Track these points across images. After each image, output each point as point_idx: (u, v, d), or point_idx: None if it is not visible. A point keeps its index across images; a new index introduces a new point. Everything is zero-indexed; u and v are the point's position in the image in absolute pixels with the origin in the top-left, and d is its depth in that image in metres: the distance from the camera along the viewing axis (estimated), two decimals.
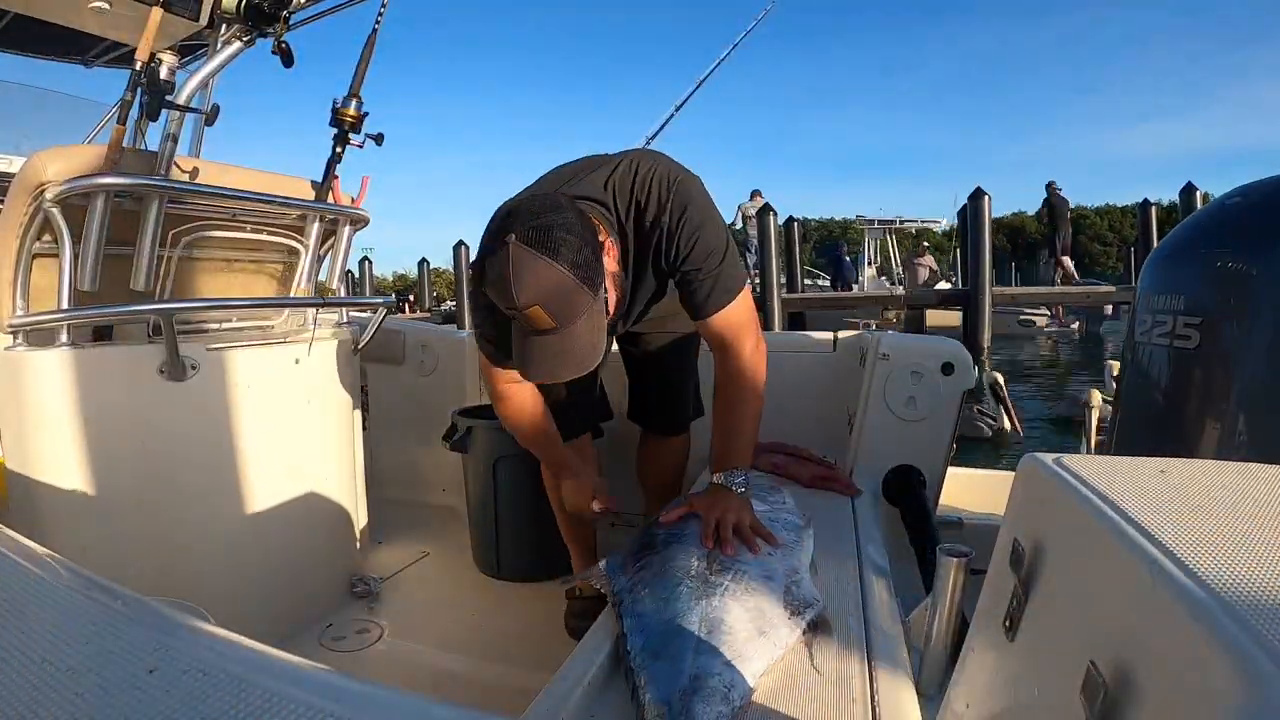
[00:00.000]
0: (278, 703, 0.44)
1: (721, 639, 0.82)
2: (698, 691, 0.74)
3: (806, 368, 1.95)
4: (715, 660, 0.79)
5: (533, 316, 1.03)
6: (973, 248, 11.11)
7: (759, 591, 0.92)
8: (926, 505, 1.59)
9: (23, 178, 1.28)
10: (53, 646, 0.52)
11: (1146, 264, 1.36)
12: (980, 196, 11.04)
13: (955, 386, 1.64)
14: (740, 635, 0.84)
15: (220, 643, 0.53)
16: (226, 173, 1.57)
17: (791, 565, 1.01)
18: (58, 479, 1.28)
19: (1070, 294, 13.05)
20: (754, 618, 0.87)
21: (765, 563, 0.99)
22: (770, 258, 11.83)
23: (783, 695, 0.78)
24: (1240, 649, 0.34)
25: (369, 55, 1.67)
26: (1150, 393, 1.29)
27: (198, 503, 1.42)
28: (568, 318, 1.05)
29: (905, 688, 0.81)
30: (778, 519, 1.15)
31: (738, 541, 1.05)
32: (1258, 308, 1.09)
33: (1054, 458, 0.60)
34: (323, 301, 1.73)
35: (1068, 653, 0.49)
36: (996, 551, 0.64)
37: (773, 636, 0.85)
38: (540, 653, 1.04)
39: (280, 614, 1.58)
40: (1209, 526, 0.46)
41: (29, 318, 1.31)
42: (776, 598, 0.92)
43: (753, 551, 1.03)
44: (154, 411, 1.34)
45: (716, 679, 0.76)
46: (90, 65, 2.78)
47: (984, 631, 0.65)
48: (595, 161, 1.27)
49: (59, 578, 0.65)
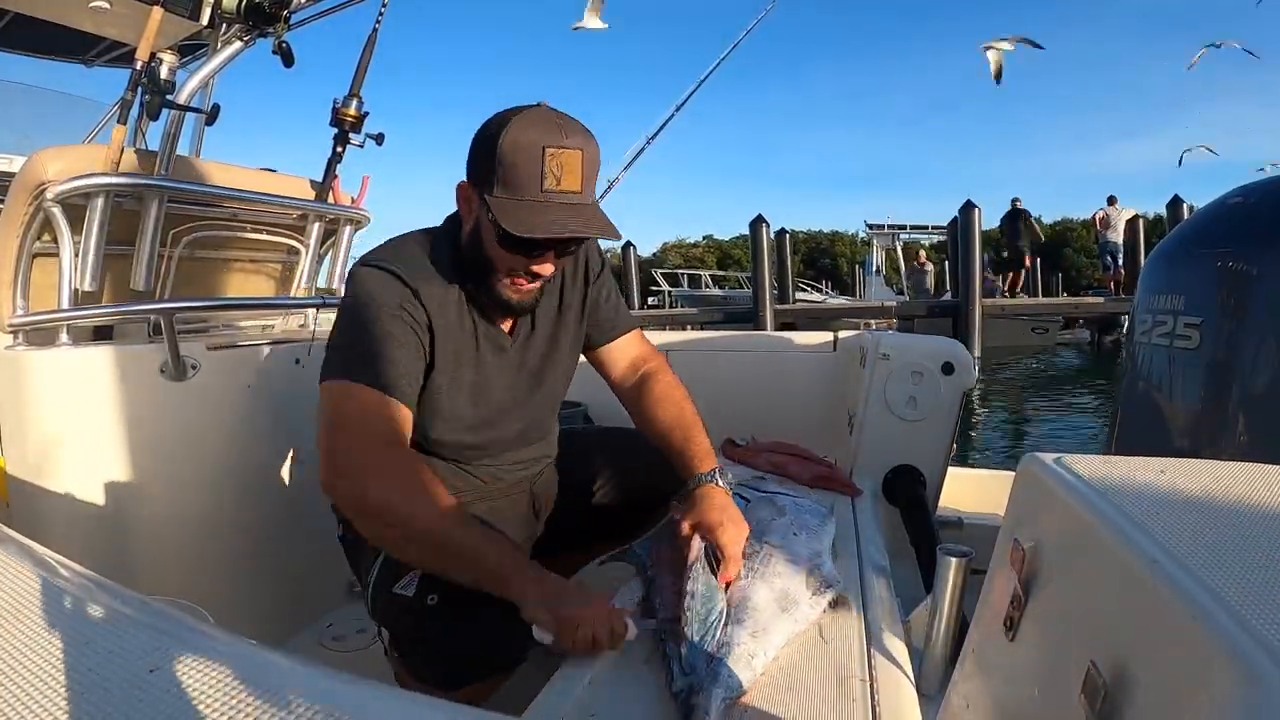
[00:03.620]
0: (277, 703, 0.44)
1: (747, 613, 0.89)
2: (725, 657, 0.81)
3: (806, 368, 1.95)
4: (741, 631, 0.86)
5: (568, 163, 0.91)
6: (963, 260, 11.18)
7: (784, 573, 0.98)
8: (926, 505, 1.59)
9: (23, 177, 1.28)
10: (53, 646, 0.52)
11: (1146, 264, 1.36)
12: (970, 209, 11.11)
13: (955, 386, 1.63)
14: (765, 612, 0.90)
15: (220, 643, 0.53)
16: (227, 172, 1.57)
17: (815, 549, 1.06)
18: (58, 479, 1.28)
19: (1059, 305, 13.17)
20: (779, 597, 0.93)
21: (792, 545, 1.05)
22: (763, 269, 11.94)
23: (783, 695, 0.78)
24: (1240, 649, 0.34)
25: (369, 55, 1.67)
26: (1150, 393, 1.29)
27: (198, 503, 1.42)
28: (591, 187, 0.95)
29: (905, 688, 0.81)
30: (803, 506, 1.19)
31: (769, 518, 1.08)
32: (1258, 308, 1.10)
33: (1054, 458, 0.60)
34: (323, 301, 1.73)
35: (1068, 653, 0.49)
36: (996, 551, 0.64)
37: (794, 613, 0.91)
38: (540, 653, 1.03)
39: (280, 614, 1.58)
40: (1209, 526, 0.46)
41: (29, 317, 1.31)
42: (800, 578, 0.98)
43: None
44: (154, 411, 1.34)
45: (741, 648, 0.83)
46: (90, 65, 2.78)
47: (984, 631, 0.65)
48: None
49: (59, 578, 0.65)
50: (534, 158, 0.90)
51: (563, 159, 0.91)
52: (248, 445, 1.50)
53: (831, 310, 14.75)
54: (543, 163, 0.90)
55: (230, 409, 1.46)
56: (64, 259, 1.28)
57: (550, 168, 0.91)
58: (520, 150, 0.91)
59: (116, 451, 1.31)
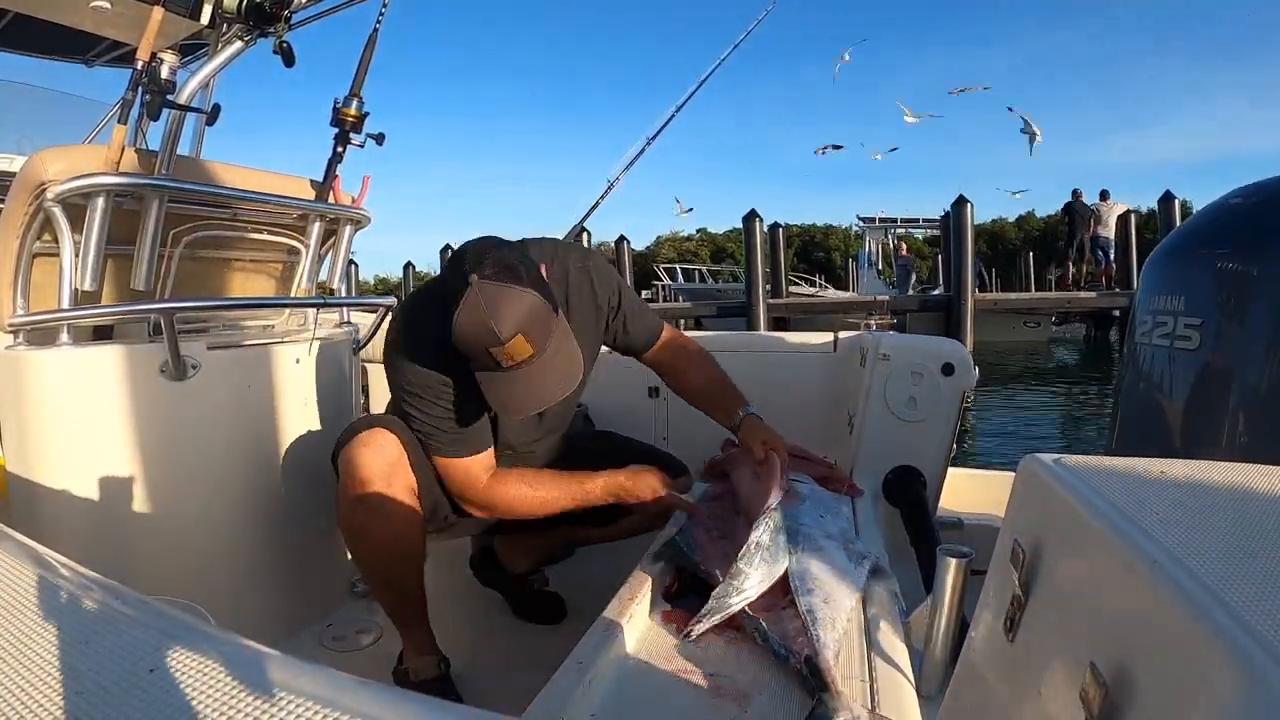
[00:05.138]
0: (277, 703, 0.44)
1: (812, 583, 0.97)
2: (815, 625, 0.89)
3: (806, 368, 1.95)
4: (815, 599, 0.94)
5: (515, 349, 1.07)
6: (955, 254, 11.20)
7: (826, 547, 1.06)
8: (926, 505, 1.59)
9: (24, 177, 1.28)
10: (52, 646, 0.52)
11: (1147, 264, 1.36)
12: (963, 204, 11.13)
13: (955, 386, 1.64)
14: (827, 582, 0.98)
15: (220, 643, 0.53)
16: (227, 172, 1.57)
17: (841, 525, 1.17)
18: (58, 478, 1.28)
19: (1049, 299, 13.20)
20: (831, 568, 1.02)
21: (822, 524, 1.14)
22: (756, 264, 11.97)
23: (783, 695, 0.78)
24: (1240, 648, 0.34)
25: (369, 55, 1.67)
26: (1150, 393, 1.29)
27: (198, 502, 1.42)
28: (544, 340, 1.10)
29: (905, 688, 0.81)
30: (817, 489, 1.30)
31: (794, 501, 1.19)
32: (1258, 308, 1.09)
33: (1054, 458, 0.60)
34: (323, 301, 1.73)
35: (1068, 653, 0.49)
36: (996, 551, 0.64)
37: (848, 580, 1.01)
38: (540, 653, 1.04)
39: (280, 614, 1.58)
40: (1209, 526, 0.46)
41: (29, 317, 1.31)
42: (841, 550, 1.07)
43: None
44: (154, 411, 1.34)
45: (823, 612, 0.91)
46: (91, 65, 2.79)
47: (984, 631, 0.65)
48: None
49: (59, 577, 0.65)
50: (483, 355, 1.09)
51: (507, 349, 1.07)
52: (248, 445, 1.50)
53: (824, 304, 14.76)
54: (494, 356, 1.08)
55: (230, 409, 1.46)
56: (64, 259, 1.28)
57: (500, 357, 1.08)
58: (471, 348, 1.09)
59: (116, 451, 1.31)
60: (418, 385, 1.22)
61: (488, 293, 1.05)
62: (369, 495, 1.23)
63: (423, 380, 1.22)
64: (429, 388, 1.21)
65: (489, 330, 1.05)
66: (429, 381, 1.21)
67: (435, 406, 1.22)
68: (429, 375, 1.21)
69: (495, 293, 1.05)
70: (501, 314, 1.05)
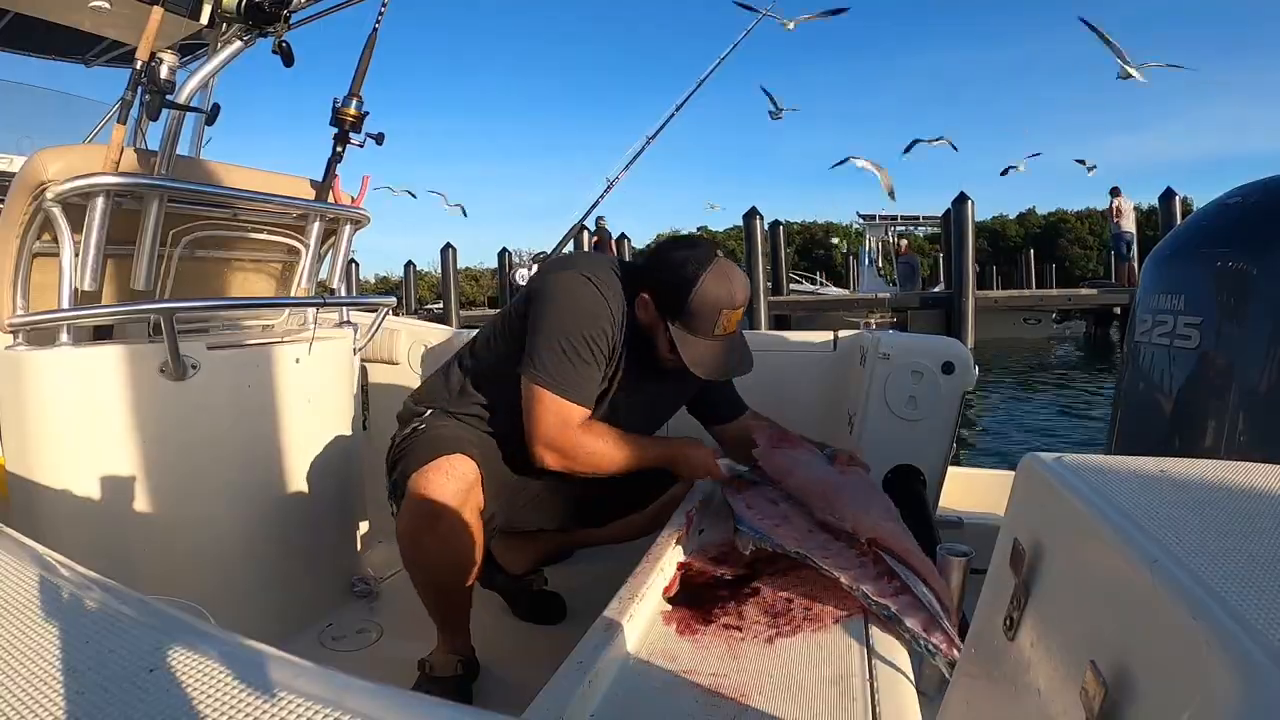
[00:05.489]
0: (277, 702, 0.44)
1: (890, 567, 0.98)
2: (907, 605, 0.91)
3: (806, 367, 1.95)
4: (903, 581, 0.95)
5: (735, 318, 1.30)
6: (956, 251, 11.20)
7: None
8: (926, 504, 1.59)
9: (23, 177, 1.28)
10: (52, 646, 0.52)
11: (1147, 263, 1.36)
12: (964, 201, 11.12)
13: (955, 386, 1.63)
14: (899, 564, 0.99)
15: (220, 643, 0.53)
16: (227, 172, 1.57)
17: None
18: (58, 478, 1.27)
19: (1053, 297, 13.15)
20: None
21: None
22: (756, 261, 12.00)
23: (783, 695, 0.78)
24: (1240, 648, 0.34)
25: (369, 55, 1.67)
26: (1150, 393, 1.29)
27: (198, 502, 1.42)
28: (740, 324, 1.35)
29: (905, 688, 0.81)
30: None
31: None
32: (1258, 308, 1.09)
33: (1054, 457, 0.60)
34: (323, 301, 1.73)
35: (1068, 653, 0.49)
36: (996, 551, 0.64)
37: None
38: (540, 653, 1.04)
39: (280, 614, 1.58)
40: (1209, 526, 0.46)
41: (29, 317, 1.31)
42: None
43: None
44: (154, 411, 1.34)
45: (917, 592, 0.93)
46: (90, 65, 2.79)
47: (984, 631, 0.65)
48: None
49: (59, 577, 0.65)
50: (713, 315, 1.28)
51: (732, 316, 1.29)
52: (248, 445, 1.50)
53: (825, 301, 14.75)
54: (718, 319, 1.28)
55: (230, 409, 1.46)
56: (64, 259, 1.28)
57: (722, 323, 1.29)
58: (706, 306, 1.27)
59: (116, 451, 1.31)
60: (586, 324, 1.28)
61: (733, 268, 1.30)
62: (438, 521, 1.24)
63: (592, 328, 1.28)
64: (594, 339, 1.28)
65: (729, 295, 1.28)
66: (595, 333, 1.28)
67: (586, 349, 1.27)
68: (601, 327, 1.29)
69: (736, 270, 1.31)
70: (738, 286, 1.29)
